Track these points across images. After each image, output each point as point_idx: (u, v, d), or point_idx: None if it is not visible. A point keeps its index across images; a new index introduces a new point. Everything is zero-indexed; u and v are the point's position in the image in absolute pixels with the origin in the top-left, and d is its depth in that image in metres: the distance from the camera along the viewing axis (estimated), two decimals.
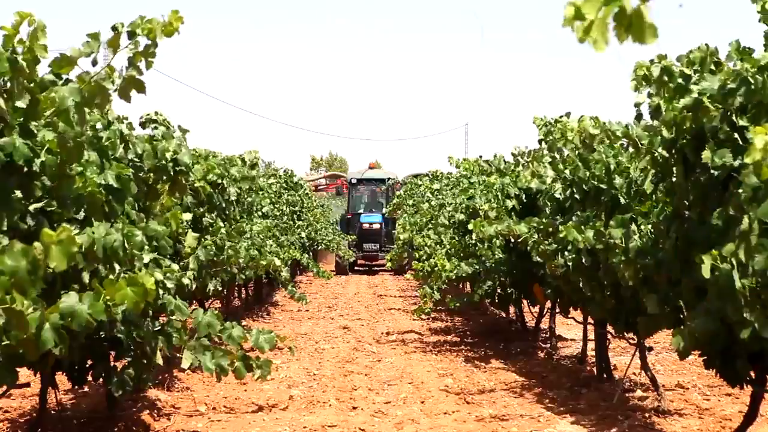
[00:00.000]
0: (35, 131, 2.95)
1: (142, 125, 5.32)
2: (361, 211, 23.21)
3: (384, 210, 21.16)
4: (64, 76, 2.96)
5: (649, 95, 3.79)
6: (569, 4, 1.26)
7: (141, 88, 3.05)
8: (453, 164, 11.78)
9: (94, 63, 2.93)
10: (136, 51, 2.93)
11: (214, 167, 5.96)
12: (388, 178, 23.28)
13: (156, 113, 5.42)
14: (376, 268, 22.35)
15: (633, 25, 1.25)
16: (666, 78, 3.56)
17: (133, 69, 2.98)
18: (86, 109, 2.95)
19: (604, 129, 4.49)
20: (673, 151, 3.59)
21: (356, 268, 22.32)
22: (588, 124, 4.68)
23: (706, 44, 3.55)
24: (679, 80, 3.50)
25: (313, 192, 24.04)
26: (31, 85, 2.83)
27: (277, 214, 11.94)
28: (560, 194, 5.73)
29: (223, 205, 6.85)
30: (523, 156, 8.02)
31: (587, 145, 4.84)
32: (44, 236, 2.35)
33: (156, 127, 5.30)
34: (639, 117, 4.02)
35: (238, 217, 7.62)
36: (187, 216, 4.86)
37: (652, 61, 3.66)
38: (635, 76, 3.74)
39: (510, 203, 7.46)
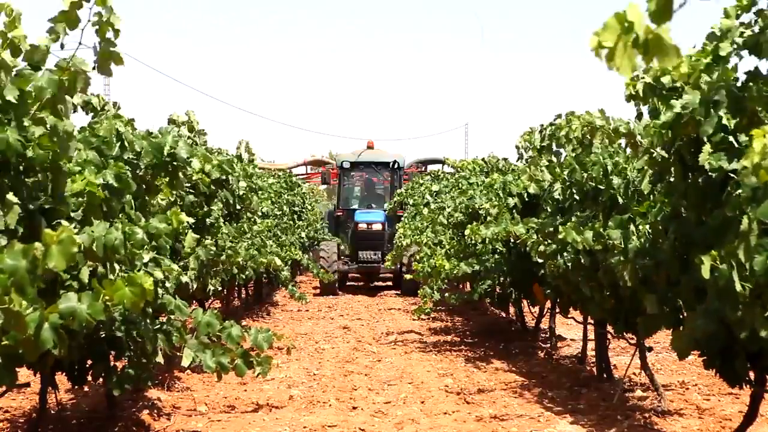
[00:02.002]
0: (27, 126, 2.93)
1: (171, 123, 5.38)
2: (355, 206, 16.94)
3: (386, 205, 15.34)
4: (43, 68, 2.92)
5: (638, 110, 3.84)
6: (593, 35, 1.33)
7: (118, 59, 2.98)
8: (450, 165, 11.78)
9: (62, 47, 2.89)
10: (102, 21, 2.87)
11: (210, 159, 5.97)
12: (394, 161, 16.58)
13: (187, 114, 5.44)
14: (376, 284, 16.32)
15: (655, 48, 1.29)
16: (650, 94, 3.57)
17: (104, 42, 2.92)
18: (68, 97, 2.92)
19: (606, 128, 4.48)
20: (672, 152, 3.59)
21: (348, 284, 16.12)
22: (594, 117, 4.67)
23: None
24: (658, 99, 3.51)
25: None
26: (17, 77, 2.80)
27: (278, 213, 11.94)
28: (560, 195, 5.73)
29: (231, 201, 6.84)
30: (527, 150, 7.97)
31: (587, 144, 4.83)
32: (46, 237, 2.35)
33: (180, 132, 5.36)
34: (640, 116, 4.03)
35: (243, 216, 7.63)
36: (190, 219, 4.84)
37: (637, 77, 3.66)
38: (626, 94, 3.76)
39: (512, 201, 7.44)
